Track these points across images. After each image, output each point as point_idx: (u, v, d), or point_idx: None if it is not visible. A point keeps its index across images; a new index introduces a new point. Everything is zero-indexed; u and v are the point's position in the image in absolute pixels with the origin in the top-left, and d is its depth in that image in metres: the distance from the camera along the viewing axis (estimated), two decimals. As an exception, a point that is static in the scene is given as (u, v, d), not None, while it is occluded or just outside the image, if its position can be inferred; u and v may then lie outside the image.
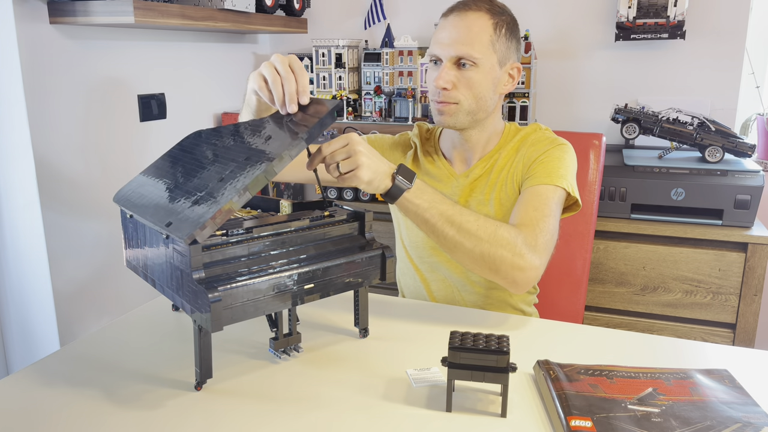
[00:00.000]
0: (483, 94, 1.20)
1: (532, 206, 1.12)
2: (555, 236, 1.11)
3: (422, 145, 1.37)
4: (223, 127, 1.02)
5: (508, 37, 1.21)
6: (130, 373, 0.93)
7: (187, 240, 0.78)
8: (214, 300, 0.79)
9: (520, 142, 1.27)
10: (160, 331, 1.07)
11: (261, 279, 0.85)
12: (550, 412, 0.82)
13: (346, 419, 0.81)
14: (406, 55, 2.22)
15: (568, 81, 2.18)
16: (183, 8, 1.72)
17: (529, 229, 1.07)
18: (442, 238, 1.04)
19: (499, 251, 1.02)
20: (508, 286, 1.06)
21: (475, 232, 1.03)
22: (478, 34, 1.17)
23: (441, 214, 1.03)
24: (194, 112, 2.12)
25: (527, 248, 1.04)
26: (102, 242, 1.76)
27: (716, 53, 2.02)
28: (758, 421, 0.77)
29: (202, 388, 0.88)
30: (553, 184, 1.15)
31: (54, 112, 1.59)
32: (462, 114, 1.21)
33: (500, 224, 1.05)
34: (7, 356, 1.60)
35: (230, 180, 0.83)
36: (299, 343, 0.98)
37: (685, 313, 1.78)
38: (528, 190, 1.17)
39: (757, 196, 1.70)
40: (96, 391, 0.88)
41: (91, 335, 1.06)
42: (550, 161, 1.19)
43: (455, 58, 1.18)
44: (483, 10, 1.19)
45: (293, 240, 0.92)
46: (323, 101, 0.95)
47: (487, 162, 1.28)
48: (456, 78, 1.18)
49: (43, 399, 0.86)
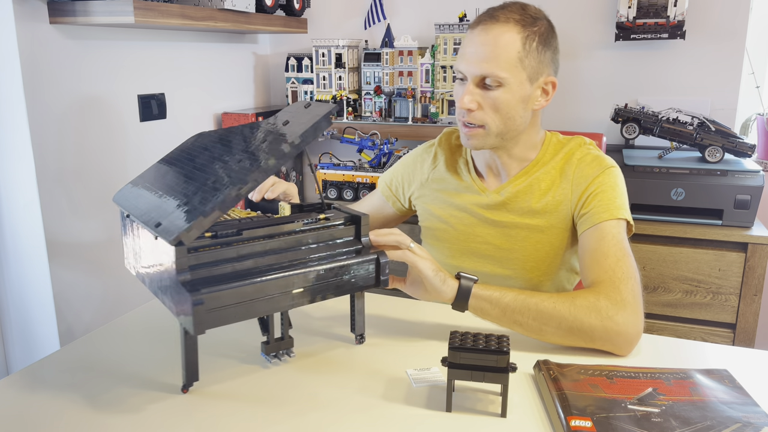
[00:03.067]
0: (512, 114, 1.11)
1: (603, 253, 1.05)
2: (637, 274, 1.03)
3: (450, 155, 1.29)
4: (224, 129, 1.02)
5: (541, 50, 1.10)
6: (129, 373, 0.93)
7: (172, 241, 0.77)
8: (196, 303, 0.78)
9: (564, 161, 1.19)
10: (160, 331, 1.07)
11: (247, 282, 0.83)
12: (550, 412, 0.82)
13: (346, 419, 0.81)
14: (406, 55, 2.22)
15: (568, 81, 2.18)
16: (183, 8, 1.72)
17: (607, 284, 1.00)
18: (526, 326, 0.98)
19: (586, 321, 0.96)
20: (614, 350, 0.97)
21: (552, 310, 0.97)
22: (504, 51, 1.07)
23: (514, 299, 0.98)
24: (194, 112, 2.12)
25: (614, 308, 0.97)
26: (102, 242, 1.75)
27: (716, 53, 2.02)
28: (758, 421, 0.77)
29: (189, 390, 0.87)
30: (615, 218, 1.09)
31: (54, 112, 1.59)
32: (491, 137, 1.13)
33: (576, 293, 0.99)
34: (7, 356, 1.60)
35: (221, 184, 0.82)
36: (291, 347, 0.97)
37: (685, 313, 1.78)
38: (591, 233, 1.10)
39: (757, 196, 1.70)
40: (96, 391, 0.88)
41: (91, 335, 1.06)
42: (605, 192, 1.12)
43: (479, 77, 1.09)
44: (512, 21, 1.09)
45: (285, 243, 0.90)
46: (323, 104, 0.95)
47: (523, 179, 1.20)
48: (481, 98, 1.10)
49: (43, 399, 0.86)
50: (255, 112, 2.23)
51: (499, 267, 1.22)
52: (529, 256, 1.20)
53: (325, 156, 2.38)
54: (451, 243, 1.26)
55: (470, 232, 1.24)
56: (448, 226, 1.26)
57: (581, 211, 1.15)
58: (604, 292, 0.99)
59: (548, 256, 1.19)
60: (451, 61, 2.14)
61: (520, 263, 1.20)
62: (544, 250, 1.19)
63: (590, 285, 1.04)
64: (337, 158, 2.35)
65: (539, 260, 1.20)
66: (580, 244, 1.13)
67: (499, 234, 1.21)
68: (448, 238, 1.26)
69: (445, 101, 2.19)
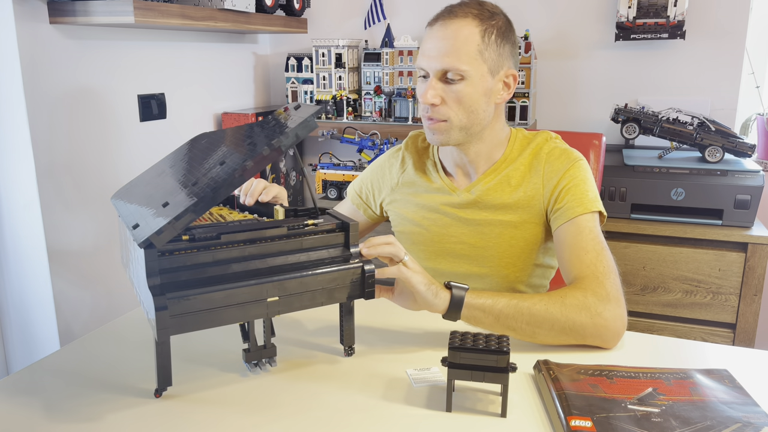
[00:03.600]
0: (474, 107, 1.12)
1: (582, 248, 1.07)
2: (615, 266, 1.05)
3: (418, 158, 1.30)
4: (218, 131, 1.02)
5: (500, 43, 1.12)
6: (128, 374, 0.93)
7: (142, 244, 0.76)
8: (159, 308, 0.76)
9: (532, 156, 1.20)
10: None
11: (216, 289, 0.80)
12: (550, 412, 0.82)
13: (346, 419, 0.81)
14: (406, 55, 2.22)
15: (568, 81, 2.18)
16: (183, 8, 1.72)
17: (591, 279, 1.02)
18: (519, 331, 0.98)
19: (578, 320, 0.97)
20: (603, 345, 1.00)
21: (545, 312, 0.97)
22: (464, 44, 1.09)
23: (507, 305, 0.98)
24: (194, 112, 2.12)
25: (601, 303, 0.98)
26: (102, 242, 1.76)
27: (716, 53, 2.02)
28: (758, 421, 0.77)
29: (161, 395, 0.86)
30: (590, 211, 1.11)
31: (54, 112, 1.59)
32: (454, 131, 1.14)
33: (564, 292, 1.00)
34: (7, 356, 1.60)
35: (199, 187, 0.81)
36: (274, 356, 0.94)
37: (685, 313, 1.78)
38: (567, 228, 1.11)
39: (757, 196, 1.70)
40: (96, 391, 0.88)
41: (91, 335, 1.06)
42: (577, 186, 1.14)
43: (441, 71, 1.10)
44: (470, 16, 1.10)
45: (264, 249, 0.86)
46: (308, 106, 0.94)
47: (493, 176, 1.21)
48: (444, 92, 1.11)
49: (43, 399, 0.86)
50: (255, 112, 2.23)
51: (476, 266, 1.22)
52: (504, 253, 1.20)
53: (325, 156, 2.38)
54: (426, 245, 1.25)
55: (444, 233, 1.23)
56: (422, 228, 1.25)
57: (555, 206, 1.16)
58: (591, 288, 1.00)
59: (523, 252, 1.20)
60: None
61: (496, 260, 1.21)
62: (519, 246, 1.20)
63: (573, 281, 1.05)
64: (337, 158, 2.35)
65: (514, 256, 1.20)
66: (557, 239, 1.14)
67: (473, 232, 1.21)
68: (423, 241, 1.26)
69: (445, 101, 2.18)
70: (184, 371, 0.92)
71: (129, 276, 0.93)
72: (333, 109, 2.29)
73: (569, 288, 1.02)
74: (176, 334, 0.79)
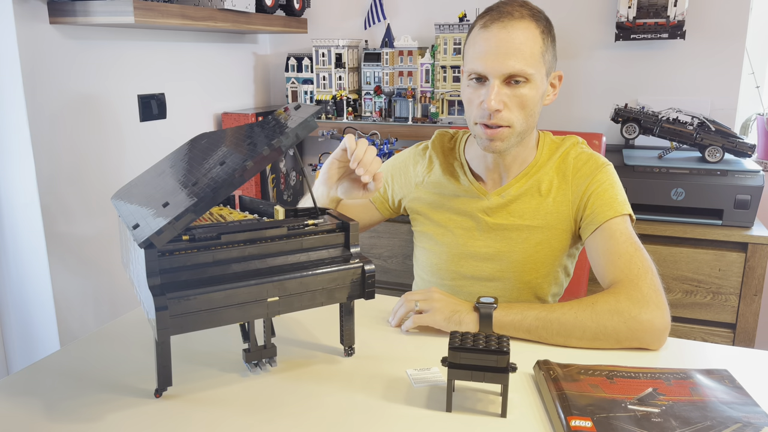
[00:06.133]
0: (534, 111, 1.11)
1: (615, 253, 1.06)
2: (653, 265, 1.04)
3: (444, 158, 1.27)
4: (218, 131, 1.02)
5: (553, 44, 1.12)
6: (128, 374, 0.93)
7: (142, 244, 0.76)
8: (159, 308, 0.76)
9: (560, 161, 1.19)
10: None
11: (216, 289, 0.80)
12: (550, 412, 0.82)
13: (346, 419, 0.81)
14: (406, 55, 2.22)
15: (568, 81, 2.18)
16: (183, 8, 1.72)
17: (626, 283, 1.01)
18: (552, 341, 0.99)
19: (609, 325, 0.96)
20: (644, 347, 0.99)
21: (574, 320, 0.97)
22: (530, 47, 1.06)
23: (536, 318, 0.99)
24: (194, 112, 2.12)
25: (636, 307, 0.97)
26: (102, 242, 1.76)
27: (716, 53, 2.02)
28: (758, 421, 0.77)
29: (161, 395, 0.86)
30: (620, 215, 1.11)
31: (54, 112, 1.59)
32: (514, 137, 1.11)
33: (596, 299, 0.99)
34: (7, 356, 1.60)
35: (199, 187, 0.81)
36: (274, 356, 0.94)
37: (685, 313, 1.78)
38: (599, 234, 1.11)
39: (757, 196, 1.70)
40: (96, 391, 0.88)
41: (91, 335, 1.06)
42: (606, 191, 1.14)
43: (506, 75, 1.06)
44: (526, 17, 1.07)
45: (265, 249, 0.86)
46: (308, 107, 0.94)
47: (524, 181, 1.20)
48: (507, 97, 1.07)
49: (43, 399, 0.86)
50: (255, 112, 2.23)
51: (498, 270, 1.22)
52: (528, 258, 1.19)
53: (325, 156, 2.38)
54: (450, 247, 1.25)
55: (469, 236, 1.23)
56: (446, 230, 1.25)
57: (584, 213, 1.15)
58: (624, 292, 1.00)
59: (547, 258, 1.19)
60: (451, 61, 2.14)
61: (519, 265, 1.20)
62: (544, 252, 1.19)
63: (609, 286, 1.05)
64: (337, 158, 2.35)
65: (538, 262, 1.19)
66: (591, 247, 1.13)
67: (499, 237, 1.21)
68: (447, 242, 1.25)
69: (445, 101, 2.19)
70: (184, 371, 0.92)
71: (129, 276, 0.93)
72: (333, 109, 2.30)
73: (602, 293, 1.01)
74: (176, 334, 0.79)
